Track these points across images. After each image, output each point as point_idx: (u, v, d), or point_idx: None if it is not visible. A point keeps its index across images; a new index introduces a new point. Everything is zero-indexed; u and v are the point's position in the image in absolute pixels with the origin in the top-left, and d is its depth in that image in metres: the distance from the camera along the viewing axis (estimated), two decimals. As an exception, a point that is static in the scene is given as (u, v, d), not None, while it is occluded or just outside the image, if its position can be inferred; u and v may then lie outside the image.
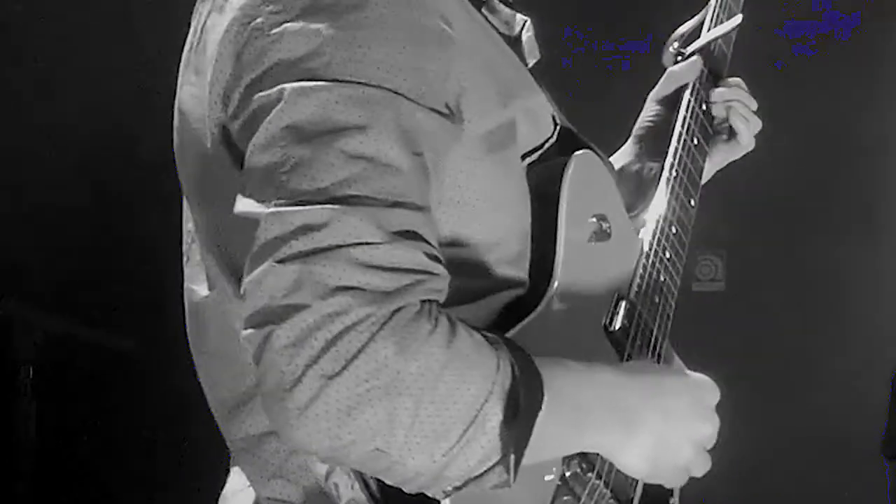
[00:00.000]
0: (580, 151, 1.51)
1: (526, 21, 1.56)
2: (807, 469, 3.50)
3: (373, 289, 1.17)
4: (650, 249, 1.62)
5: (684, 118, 1.80)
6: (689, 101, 1.83)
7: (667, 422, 1.36)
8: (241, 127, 1.28)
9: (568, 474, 1.38)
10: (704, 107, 1.85)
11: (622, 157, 1.92)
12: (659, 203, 1.70)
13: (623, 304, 1.53)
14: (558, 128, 1.51)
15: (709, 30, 1.91)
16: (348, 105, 1.21)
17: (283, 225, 1.18)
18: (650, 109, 1.91)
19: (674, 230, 1.68)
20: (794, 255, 3.40)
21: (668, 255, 1.65)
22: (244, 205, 1.23)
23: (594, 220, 1.52)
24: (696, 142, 1.80)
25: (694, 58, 1.87)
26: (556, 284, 1.43)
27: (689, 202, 1.74)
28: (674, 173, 1.74)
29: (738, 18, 1.92)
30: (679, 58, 1.90)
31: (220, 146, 1.33)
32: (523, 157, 1.46)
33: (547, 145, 1.50)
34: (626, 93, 2.03)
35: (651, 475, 1.38)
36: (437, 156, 1.28)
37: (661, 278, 1.62)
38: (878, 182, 3.26)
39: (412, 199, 1.22)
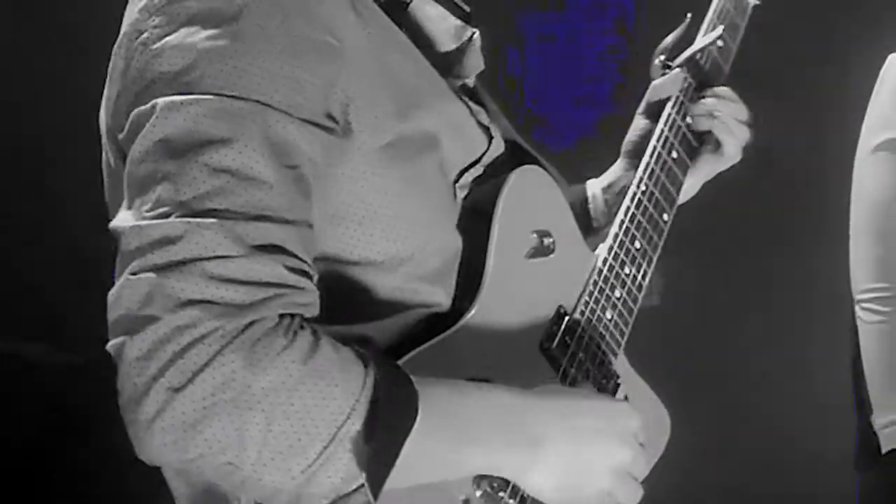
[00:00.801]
0: (522, 167, 1.51)
1: (474, 33, 1.56)
2: (750, 482, 3.50)
3: (225, 302, 1.17)
4: (604, 265, 1.60)
5: (661, 131, 1.78)
6: (670, 114, 1.80)
7: (577, 445, 1.34)
8: (125, 141, 1.29)
9: (478, 494, 1.35)
10: (689, 119, 1.83)
11: (612, 173, 1.90)
12: (621, 218, 1.67)
13: (566, 319, 1.52)
14: (493, 141, 1.50)
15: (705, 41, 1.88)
16: (215, 118, 1.22)
17: (142, 238, 1.20)
18: (636, 124, 1.88)
19: (637, 245, 1.66)
20: (728, 269, 3.37)
21: (627, 271, 1.63)
22: (117, 219, 1.25)
23: (535, 235, 1.51)
24: (674, 155, 1.78)
25: (676, 71, 1.85)
26: (478, 303, 1.42)
27: (662, 216, 1.72)
28: (643, 187, 1.71)
29: (717, 32, 1.88)
30: (666, 70, 1.88)
31: (118, 161, 1.35)
32: (463, 171, 1.46)
33: (486, 160, 1.49)
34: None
35: (566, 501, 1.35)
36: (318, 168, 1.28)
37: (617, 294, 1.60)
38: (810, 193, 3.21)
39: (279, 213, 1.22)
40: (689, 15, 1.86)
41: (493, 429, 1.30)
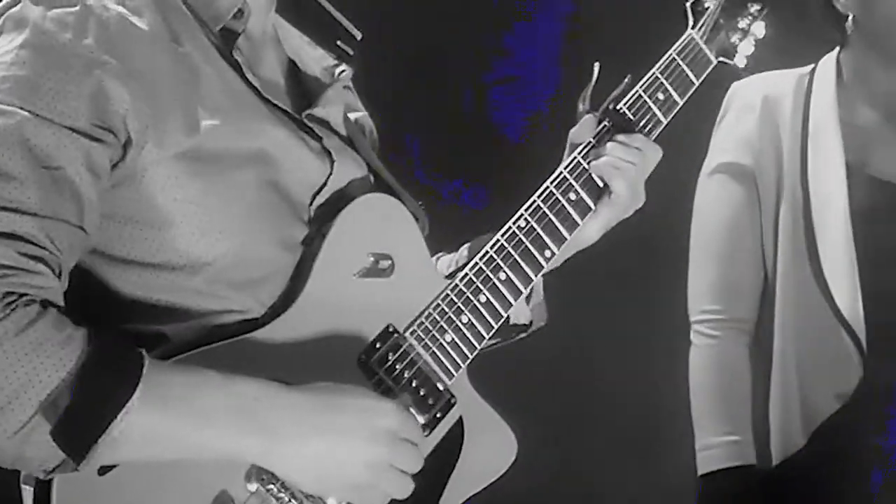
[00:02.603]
0: (369, 195, 1.65)
1: (343, 71, 1.74)
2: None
3: None
4: (453, 290, 1.70)
5: (559, 172, 1.84)
6: (575, 157, 1.86)
7: (328, 439, 1.46)
8: None
9: (251, 488, 1.48)
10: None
11: None
12: (487, 248, 1.75)
13: (392, 336, 1.64)
14: (336, 166, 1.64)
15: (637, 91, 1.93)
16: None
17: None
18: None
19: (502, 276, 1.74)
20: (581, 309, 3.28)
21: (482, 299, 1.72)
22: None
23: (371, 257, 1.63)
24: (572, 196, 1.83)
25: (587, 117, 1.91)
26: (289, 311, 1.56)
27: (543, 252, 1.78)
28: (521, 223, 1.78)
29: (624, 84, 1.93)
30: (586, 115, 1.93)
31: None
32: (316, 194, 1.61)
33: (334, 185, 1.63)
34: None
35: (322, 491, 1.49)
36: (85, 173, 1.44)
37: (464, 319, 1.70)
38: (662, 236, 3.11)
39: (25, 206, 1.39)
40: (597, 64, 1.92)
41: (228, 414, 1.42)
